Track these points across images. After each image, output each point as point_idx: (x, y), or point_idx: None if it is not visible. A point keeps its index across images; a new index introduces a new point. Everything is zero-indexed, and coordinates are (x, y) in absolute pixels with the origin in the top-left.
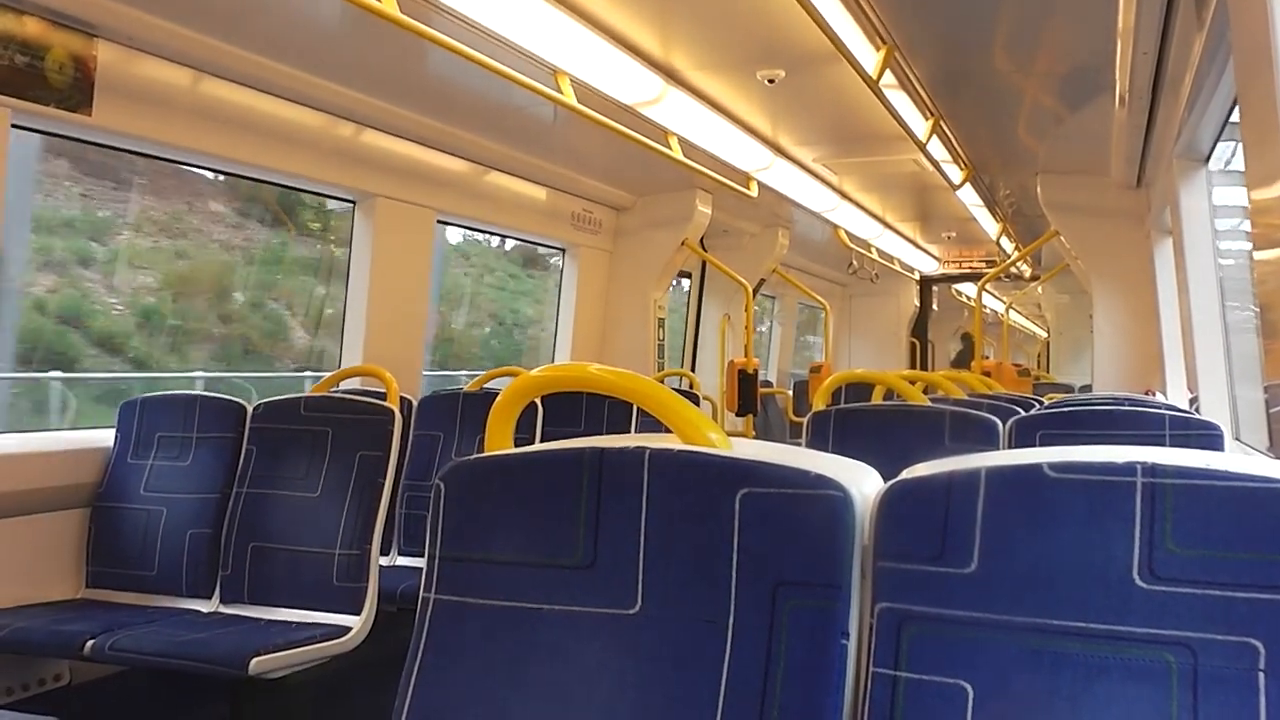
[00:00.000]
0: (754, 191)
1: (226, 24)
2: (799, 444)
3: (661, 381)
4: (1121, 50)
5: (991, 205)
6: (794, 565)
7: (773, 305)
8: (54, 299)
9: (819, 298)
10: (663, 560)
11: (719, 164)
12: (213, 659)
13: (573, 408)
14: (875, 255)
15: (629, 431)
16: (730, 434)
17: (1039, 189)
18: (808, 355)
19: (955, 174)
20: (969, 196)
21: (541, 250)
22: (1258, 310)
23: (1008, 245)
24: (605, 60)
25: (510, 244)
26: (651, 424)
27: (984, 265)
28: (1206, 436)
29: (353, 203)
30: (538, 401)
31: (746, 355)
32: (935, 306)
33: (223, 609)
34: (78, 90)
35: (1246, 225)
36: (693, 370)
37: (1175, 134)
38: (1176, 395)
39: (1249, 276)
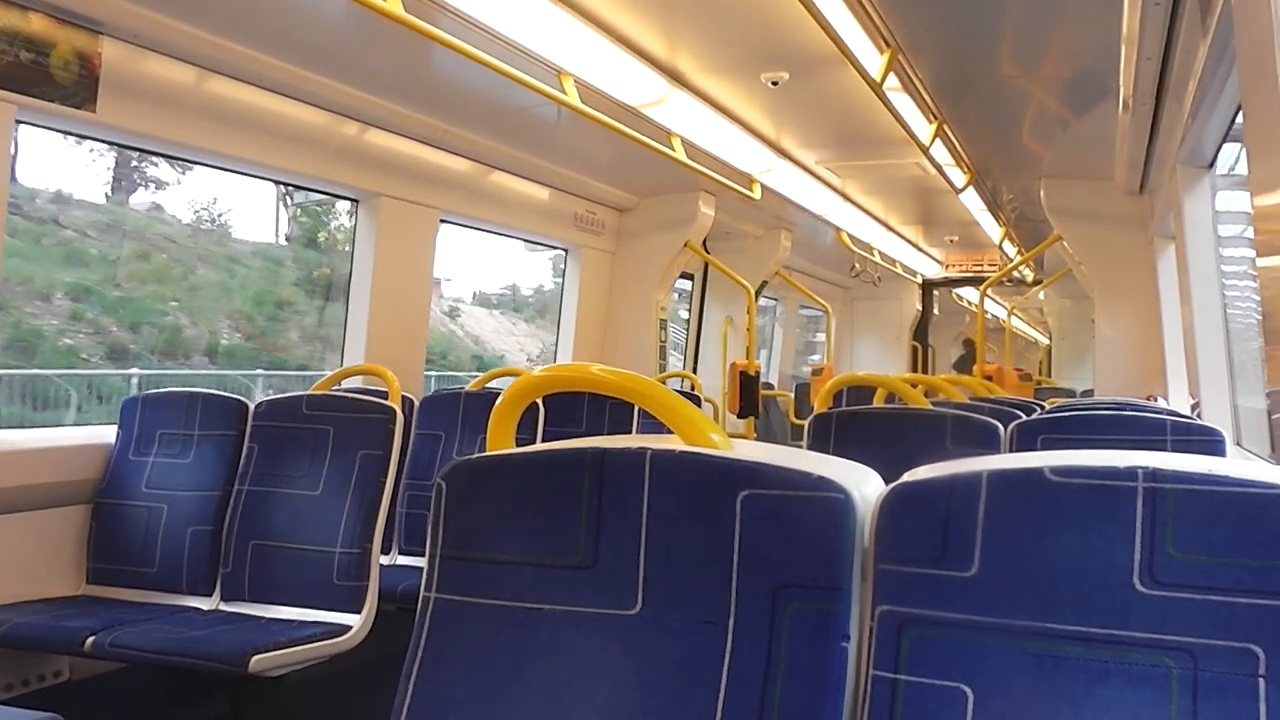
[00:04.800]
0: (757, 194)
1: (231, 22)
2: (800, 446)
3: (663, 383)
4: (1126, 56)
5: (994, 209)
6: (795, 567)
7: (775, 308)
8: None
9: (821, 300)
10: (663, 561)
11: (722, 166)
12: (213, 656)
13: (574, 408)
14: (877, 258)
15: (630, 432)
16: (731, 436)
17: (1042, 193)
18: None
19: (958, 178)
20: (972, 200)
21: None
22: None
23: (1010, 250)
24: (609, 61)
25: None
26: (653, 425)
27: (987, 269)
28: (1208, 442)
29: (356, 202)
30: (539, 402)
31: (748, 357)
32: (937, 310)
33: (223, 606)
34: (82, 87)
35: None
36: (694, 372)
37: (1179, 140)
38: (1178, 401)
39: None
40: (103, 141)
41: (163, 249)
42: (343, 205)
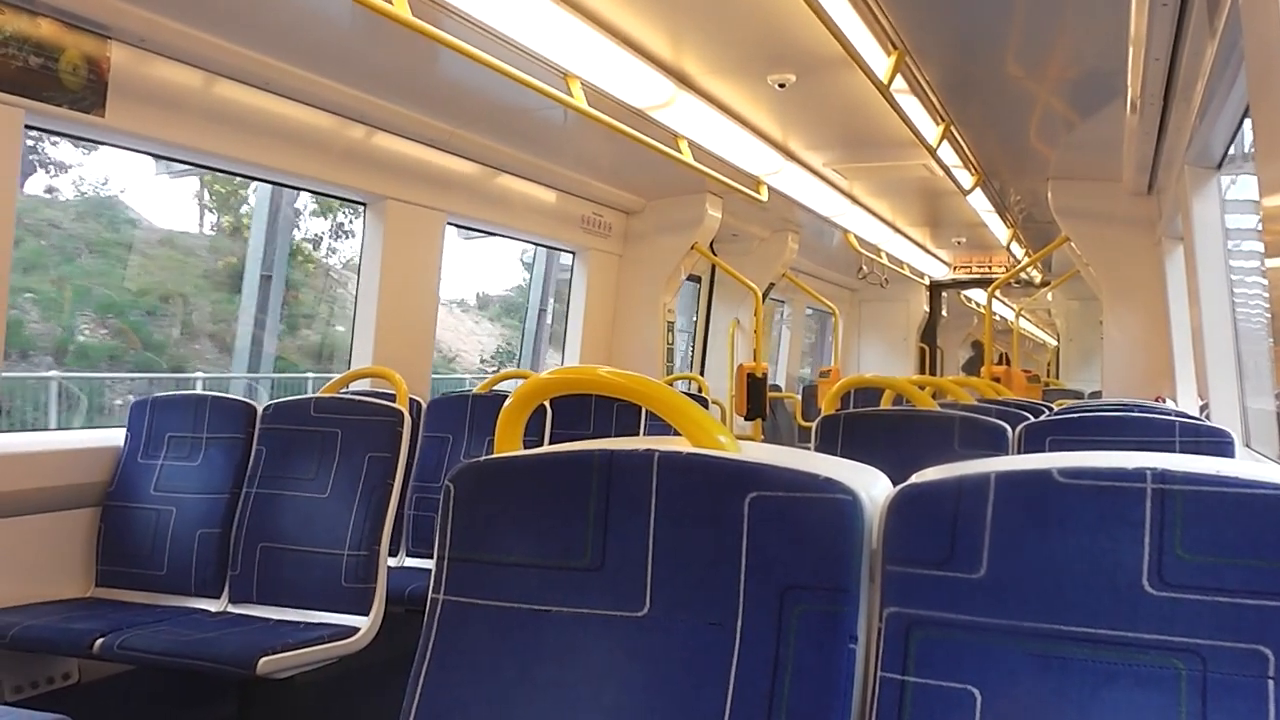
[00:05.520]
0: (764, 196)
1: (239, 27)
2: (808, 448)
3: (670, 385)
4: (1133, 57)
5: (1002, 211)
6: (802, 569)
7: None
8: None
9: (828, 302)
10: (671, 563)
11: (729, 168)
12: (221, 658)
13: (582, 410)
14: (885, 260)
15: (638, 434)
16: (739, 438)
17: (1050, 194)
18: None
19: (966, 179)
20: (979, 202)
21: None
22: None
23: (1018, 251)
24: (616, 64)
25: None
26: (660, 427)
27: (994, 271)
28: (1217, 443)
29: (363, 205)
30: (547, 404)
31: (755, 359)
32: (945, 312)
33: (231, 609)
34: (91, 91)
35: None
36: (702, 374)
37: (1187, 140)
38: (1187, 402)
39: None
40: (110, 145)
41: (43, 235)
42: (263, 189)
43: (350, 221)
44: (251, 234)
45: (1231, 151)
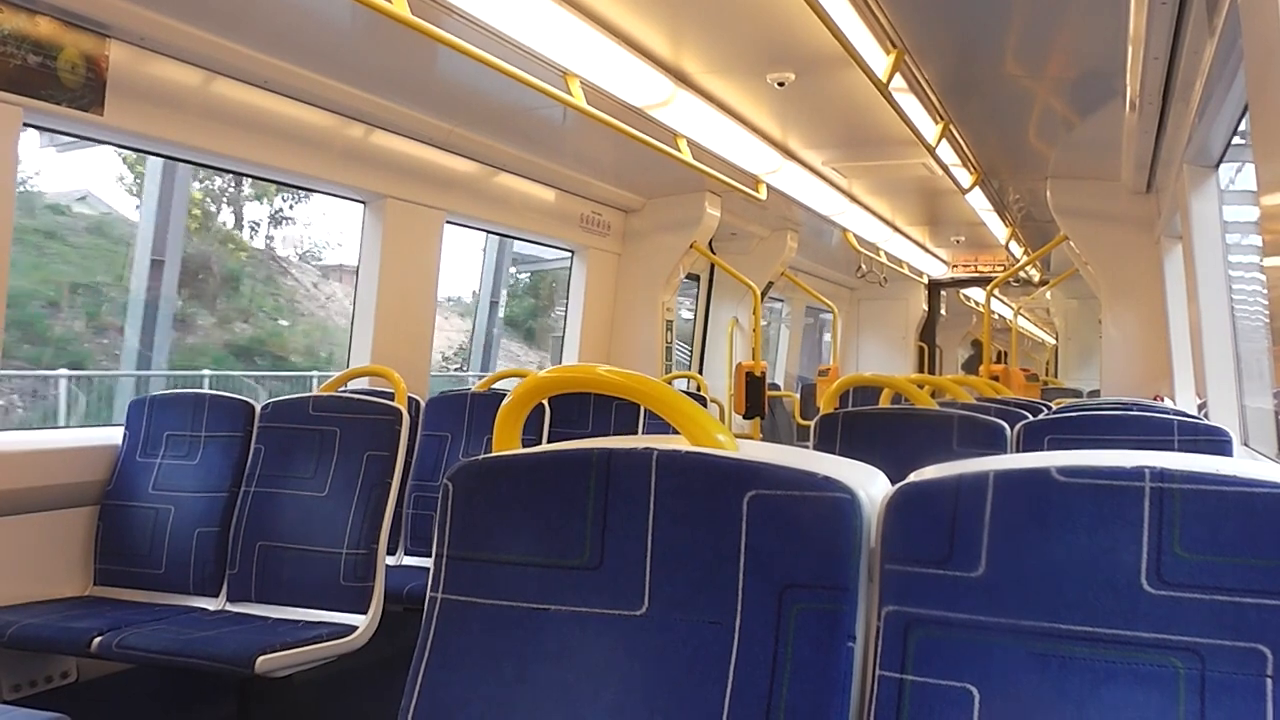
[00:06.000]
0: (763, 194)
1: (238, 25)
2: (806, 447)
3: (669, 384)
4: (1132, 55)
5: (1001, 210)
6: (801, 567)
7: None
8: None
9: (827, 301)
10: (670, 561)
11: (728, 167)
12: (219, 657)
13: (580, 409)
14: (884, 259)
15: (636, 433)
16: (737, 436)
17: (1049, 193)
18: None
19: (964, 178)
20: (978, 201)
21: None
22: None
23: (1017, 250)
24: (615, 62)
25: None
26: (659, 426)
27: (992, 270)
28: (1215, 442)
29: (362, 203)
30: (545, 402)
31: (754, 358)
32: (944, 311)
33: (230, 607)
34: (90, 90)
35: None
36: (700, 373)
37: (1186, 139)
38: (1185, 401)
39: None
40: (109, 144)
41: None
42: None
43: (290, 207)
44: (141, 215)
45: (1242, 128)
